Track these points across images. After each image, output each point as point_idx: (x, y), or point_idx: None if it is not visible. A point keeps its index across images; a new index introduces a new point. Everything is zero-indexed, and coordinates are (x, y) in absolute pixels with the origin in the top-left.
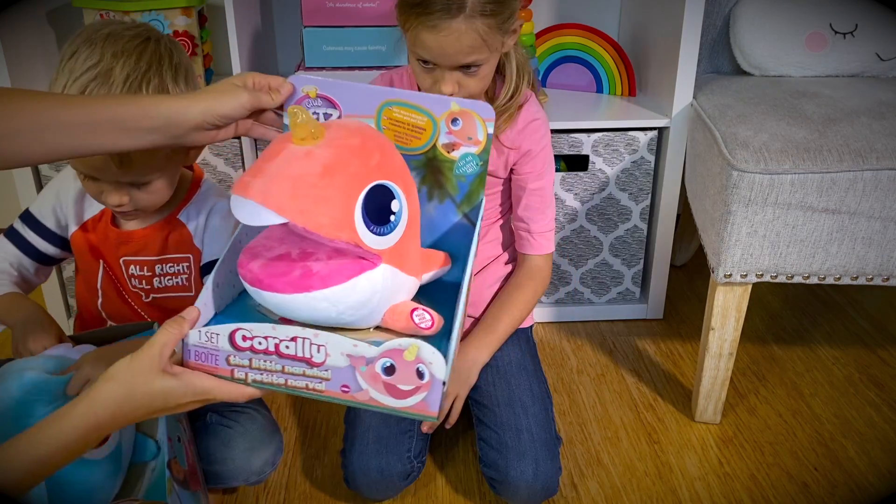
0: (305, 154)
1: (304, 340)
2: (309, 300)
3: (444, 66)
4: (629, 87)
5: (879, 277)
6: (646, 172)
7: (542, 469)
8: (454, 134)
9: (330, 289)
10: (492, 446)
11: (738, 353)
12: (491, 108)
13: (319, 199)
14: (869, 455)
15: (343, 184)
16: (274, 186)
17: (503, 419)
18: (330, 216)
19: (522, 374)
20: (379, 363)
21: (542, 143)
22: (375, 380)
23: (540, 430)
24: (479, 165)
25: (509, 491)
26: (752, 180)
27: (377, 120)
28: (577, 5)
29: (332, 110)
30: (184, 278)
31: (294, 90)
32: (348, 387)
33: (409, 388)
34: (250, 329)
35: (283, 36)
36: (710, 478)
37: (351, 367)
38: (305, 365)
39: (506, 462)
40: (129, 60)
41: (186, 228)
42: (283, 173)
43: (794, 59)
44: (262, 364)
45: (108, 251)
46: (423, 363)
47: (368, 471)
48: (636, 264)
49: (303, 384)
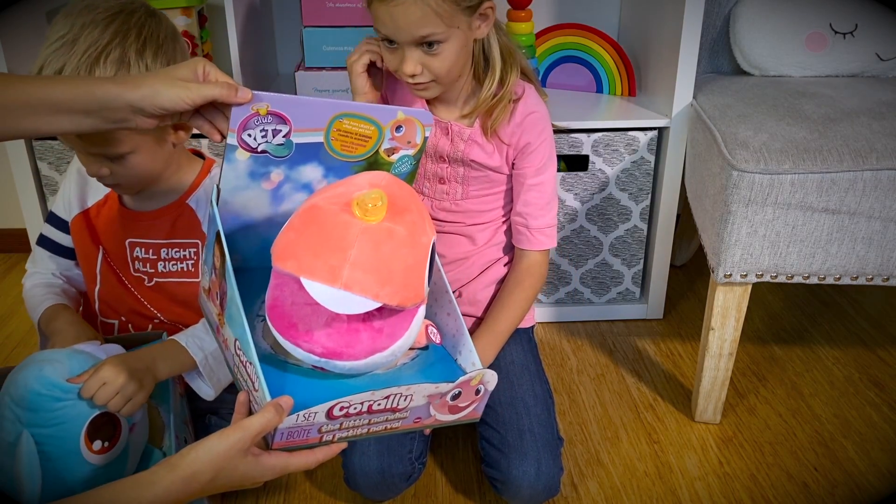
0: (387, 234)
1: (397, 395)
2: (379, 359)
3: (402, 41)
4: (629, 87)
5: (879, 277)
6: (646, 172)
7: (544, 469)
8: (396, 139)
9: (396, 343)
10: (494, 446)
11: (738, 353)
12: (431, 115)
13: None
14: (869, 455)
15: (419, 257)
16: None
17: (506, 419)
18: (415, 290)
19: (525, 375)
20: (451, 393)
21: (541, 136)
22: (443, 406)
23: (542, 431)
24: (411, 164)
25: (511, 491)
26: (752, 180)
27: (327, 132)
28: (577, 5)
29: (283, 126)
30: (189, 264)
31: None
32: (420, 418)
33: (466, 404)
34: (349, 401)
35: (283, 36)
36: (710, 478)
37: (427, 404)
38: (390, 413)
39: (508, 462)
40: (93, 32)
41: (195, 214)
42: (385, 264)
43: (794, 59)
44: (351, 423)
45: (114, 233)
46: (482, 384)
47: (370, 472)
48: (636, 264)
49: (381, 427)
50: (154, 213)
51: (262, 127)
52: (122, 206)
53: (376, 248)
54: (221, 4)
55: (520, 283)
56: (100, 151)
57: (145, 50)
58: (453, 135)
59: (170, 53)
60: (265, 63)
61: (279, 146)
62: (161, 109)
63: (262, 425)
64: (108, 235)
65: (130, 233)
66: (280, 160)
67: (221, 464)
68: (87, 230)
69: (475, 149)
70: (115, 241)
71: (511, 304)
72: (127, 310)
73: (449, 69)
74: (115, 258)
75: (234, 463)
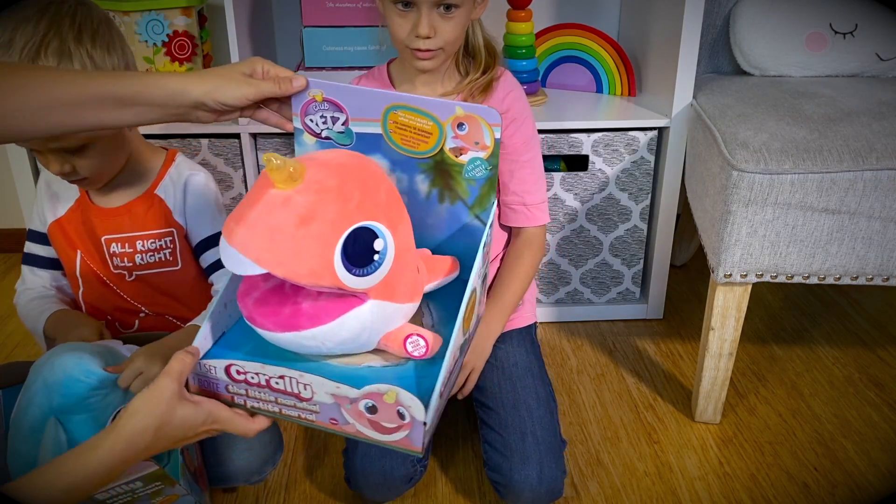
0: (283, 201)
1: (291, 379)
2: (297, 338)
3: (423, 1)
4: (629, 87)
5: (879, 277)
6: (646, 172)
7: (546, 473)
8: (461, 138)
9: (318, 328)
10: (496, 449)
11: (738, 353)
12: (497, 114)
13: (296, 250)
14: (869, 455)
15: (320, 232)
16: (253, 236)
17: (508, 422)
18: (308, 266)
19: (528, 377)
20: (362, 403)
21: (524, 112)
22: (360, 416)
23: (545, 434)
24: (488, 170)
25: (513, 495)
26: (752, 180)
27: (383, 123)
28: (577, 5)
29: (340, 114)
30: (167, 253)
31: (307, 86)
32: (336, 420)
33: (392, 426)
34: (242, 365)
35: (283, 36)
36: (710, 478)
37: (336, 405)
38: (295, 399)
39: (510, 466)
40: (27, 28)
41: (165, 203)
42: (261, 222)
43: (794, 59)
44: (256, 394)
45: (89, 233)
46: (403, 406)
47: (371, 473)
48: (636, 264)
49: (295, 414)
50: (125, 206)
51: (322, 113)
52: (92, 205)
53: (269, 214)
54: (221, 4)
55: (520, 256)
56: (58, 146)
57: (82, 36)
58: None
59: (107, 37)
60: None
61: (340, 133)
62: (221, 105)
63: (179, 366)
64: (82, 237)
65: (105, 230)
66: (345, 147)
67: (154, 410)
68: (62, 236)
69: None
70: (90, 241)
71: (514, 277)
72: (111, 308)
73: (458, 36)
74: (93, 258)
75: (170, 407)
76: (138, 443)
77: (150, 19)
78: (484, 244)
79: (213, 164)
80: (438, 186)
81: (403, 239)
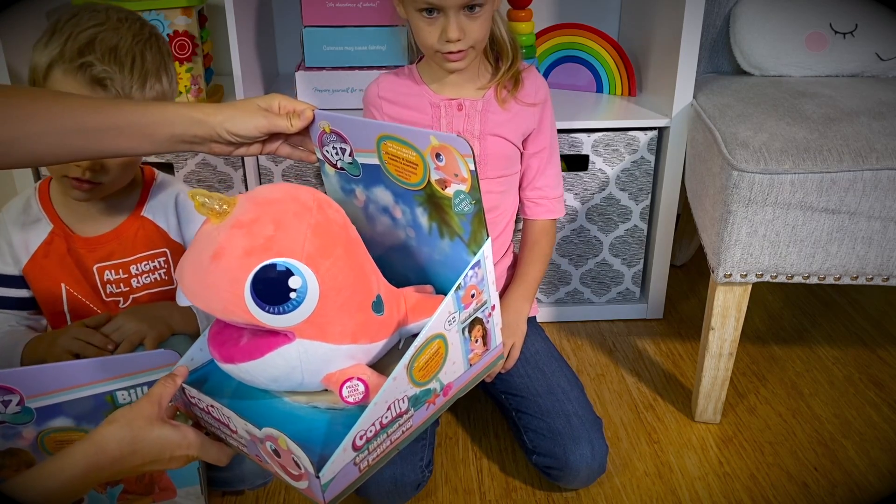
0: (206, 236)
1: (216, 409)
2: (237, 371)
3: (450, 5)
4: (629, 87)
5: (879, 277)
6: (646, 172)
7: (597, 449)
8: (441, 170)
9: (248, 363)
10: (543, 435)
11: (738, 353)
12: (466, 144)
13: (210, 285)
14: (869, 455)
15: (228, 268)
16: (184, 269)
17: (547, 407)
18: (220, 301)
19: (553, 362)
20: (268, 444)
21: (549, 101)
22: (271, 457)
23: (585, 413)
24: (472, 204)
25: (569, 476)
26: (752, 180)
27: (378, 154)
28: (577, 5)
29: (345, 145)
30: (162, 273)
31: (314, 119)
32: (259, 457)
33: (296, 473)
34: (190, 389)
35: (283, 36)
36: (710, 478)
37: (253, 442)
38: (228, 430)
39: (563, 449)
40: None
41: (153, 224)
42: (190, 256)
43: (794, 59)
44: (209, 420)
45: (76, 265)
46: (294, 455)
47: (381, 480)
48: (636, 264)
49: (234, 443)
50: (112, 233)
51: (332, 144)
52: (75, 235)
53: (195, 248)
54: (221, 4)
55: (538, 242)
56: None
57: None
58: (467, 110)
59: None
60: (265, 63)
61: (350, 164)
62: (234, 136)
63: (161, 389)
64: (67, 270)
65: (95, 259)
66: (356, 179)
67: (131, 423)
68: (42, 273)
69: (490, 117)
70: (79, 272)
71: (534, 259)
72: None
73: (485, 34)
74: (82, 288)
75: (148, 424)
76: (111, 450)
77: (151, 19)
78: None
79: (212, 163)
80: (436, 221)
81: (335, 276)
